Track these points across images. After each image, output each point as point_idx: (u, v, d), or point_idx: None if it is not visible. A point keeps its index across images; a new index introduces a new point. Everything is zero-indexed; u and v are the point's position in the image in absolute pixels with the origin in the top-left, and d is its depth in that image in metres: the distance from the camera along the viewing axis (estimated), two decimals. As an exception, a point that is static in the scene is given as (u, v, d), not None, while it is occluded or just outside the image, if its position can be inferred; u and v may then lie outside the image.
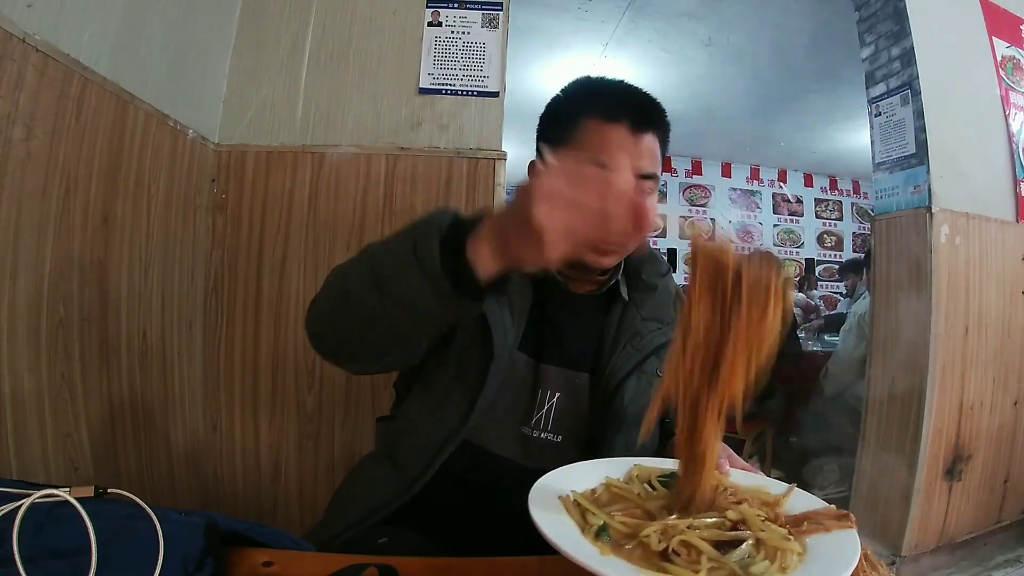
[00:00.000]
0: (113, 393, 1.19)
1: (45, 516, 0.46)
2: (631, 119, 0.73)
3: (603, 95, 0.76)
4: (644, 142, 0.74)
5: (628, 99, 0.76)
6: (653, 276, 0.85)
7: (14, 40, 0.91)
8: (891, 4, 1.94)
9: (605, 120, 0.73)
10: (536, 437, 0.77)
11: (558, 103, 0.81)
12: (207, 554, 0.50)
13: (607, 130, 0.73)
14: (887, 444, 1.89)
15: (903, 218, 1.89)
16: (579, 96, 0.79)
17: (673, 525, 0.44)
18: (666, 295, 0.86)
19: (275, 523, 1.52)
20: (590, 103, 0.75)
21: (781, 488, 0.56)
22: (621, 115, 0.73)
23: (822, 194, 6.43)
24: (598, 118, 0.73)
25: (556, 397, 0.78)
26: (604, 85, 0.79)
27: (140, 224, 1.25)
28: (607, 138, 0.72)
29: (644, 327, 0.81)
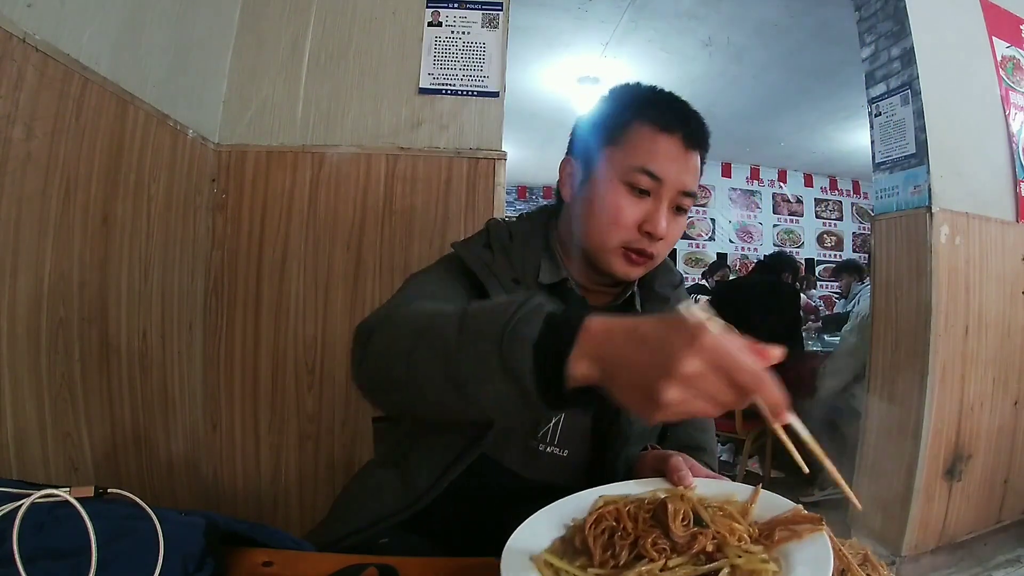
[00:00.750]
0: (113, 393, 1.19)
1: (45, 516, 0.46)
2: (685, 133, 0.72)
3: (660, 103, 0.74)
4: (693, 159, 0.73)
5: (683, 113, 0.74)
6: (666, 287, 0.84)
7: (14, 40, 0.91)
8: (891, 4, 1.94)
9: (660, 129, 0.71)
10: (543, 451, 0.76)
11: (608, 103, 0.79)
12: (207, 554, 0.50)
13: (660, 139, 0.71)
14: (887, 444, 1.89)
15: (903, 218, 1.89)
16: (634, 99, 0.76)
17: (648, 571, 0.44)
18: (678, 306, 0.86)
19: (275, 523, 1.52)
20: (646, 108, 0.73)
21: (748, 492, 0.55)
22: (676, 127, 0.72)
23: (822, 194, 6.44)
24: (652, 125, 0.72)
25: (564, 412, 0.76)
26: (660, 94, 0.77)
27: (140, 224, 1.25)
28: (659, 147, 0.71)
29: None
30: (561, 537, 0.51)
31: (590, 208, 0.73)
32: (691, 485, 0.56)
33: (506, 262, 0.77)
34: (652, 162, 0.70)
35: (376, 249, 1.53)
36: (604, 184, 0.72)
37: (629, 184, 0.71)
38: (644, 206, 0.71)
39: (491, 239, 0.79)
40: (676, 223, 0.74)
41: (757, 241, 6.24)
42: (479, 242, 0.80)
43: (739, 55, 3.56)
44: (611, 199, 0.71)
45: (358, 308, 1.53)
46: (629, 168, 0.70)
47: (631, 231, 0.71)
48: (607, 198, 0.71)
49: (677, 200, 0.73)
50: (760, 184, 6.32)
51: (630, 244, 0.72)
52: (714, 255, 6.11)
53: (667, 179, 0.70)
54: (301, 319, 1.53)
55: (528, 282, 0.76)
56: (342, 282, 1.53)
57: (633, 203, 0.71)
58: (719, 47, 3.48)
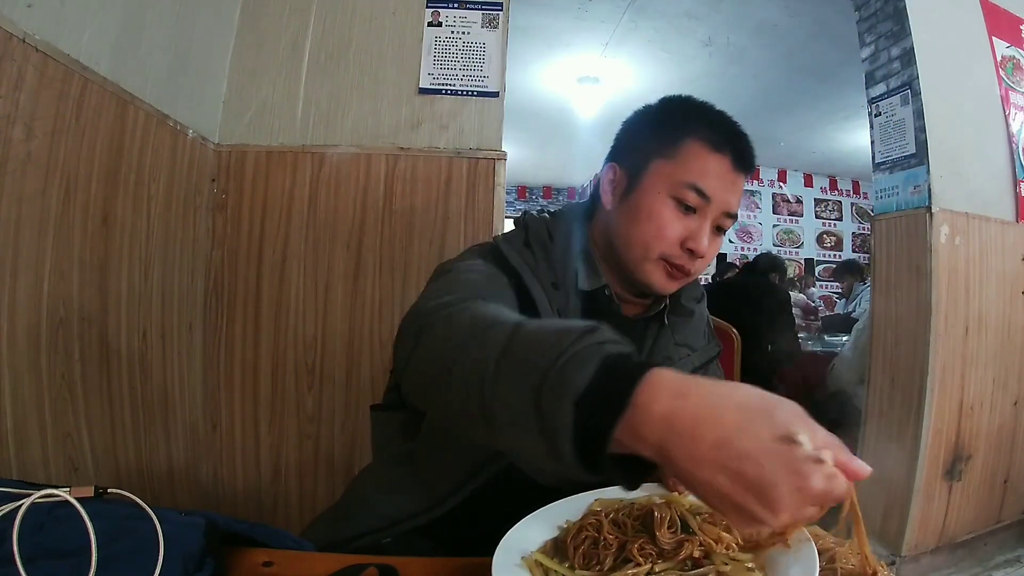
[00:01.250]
0: (113, 393, 1.19)
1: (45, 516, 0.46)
2: (735, 155, 0.73)
3: (713, 122, 0.75)
4: (740, 182, 0.74)
5: (736, 133, 0.75)
6: (691, 301, 0.85)
7: (14, 40, 0.91)
8: (891, 4, 1.94)
9: (712, 148, 0.72)
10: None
11: (659, 113, 0.78)
12: (207, 554, 0.50)
13: (712, 158, 0.72)
14: (887, 444, 1.89)
15: (903, 218, 1.89)
16: (688, 113, 0.76)
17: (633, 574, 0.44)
18: (700, 321, 0.86)
19: (275, 523, 1.51)
20: (699, 125, 0.73)
21: None
22: (727, 147, 0.72)
23: (822, 194, 6.44)
24: (705, 143, 0.72)
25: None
26: (715, 113, 0.77)
27: (140, 224, 1.25)
28: (710, 166, 0.71)
29: (676, 352, 0.81)
30: (554, 538, 0.52)
31: (635, 218, 0.73)
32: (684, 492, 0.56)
33: (546, 264, 0.76)
34: (702, 180, 0.71)
35: (376, 249, 1.53)
36: (652, 196, 0.72)
37: (677, 199, 0.71)
38: (689, 223, 0.72)
39: (530, 237, 0.78)
40: (715, 242, 0.75)
41: (757, 241, 6.24)
42: (519, 239, 0.78)
43: (739, 55, 3.56)
44: (658, 211, 0.72)
45: (358, 308, 1.53)
46: (679, 183, 0.71)
47: (674, 246, 0.72)
48: (654, 210, 0.72)
49: (719, 220, 0.73)
50: (760, 184, 6.32)
51: (671, 259, 0.72)
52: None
53: (715, 198, 0.71)
54: (301, 319, 1.53)
55: (567, 287, 0.76)
56: (342, 282, 1.53)
57: (679, 218, 0.72)
58: (719, 47, 3.48)
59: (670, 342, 0.81)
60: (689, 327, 0.84)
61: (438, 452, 0.74)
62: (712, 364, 0.87)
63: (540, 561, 0.47)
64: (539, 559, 0.48)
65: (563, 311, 0.74)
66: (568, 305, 0.75)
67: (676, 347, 0.82)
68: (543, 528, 0.53)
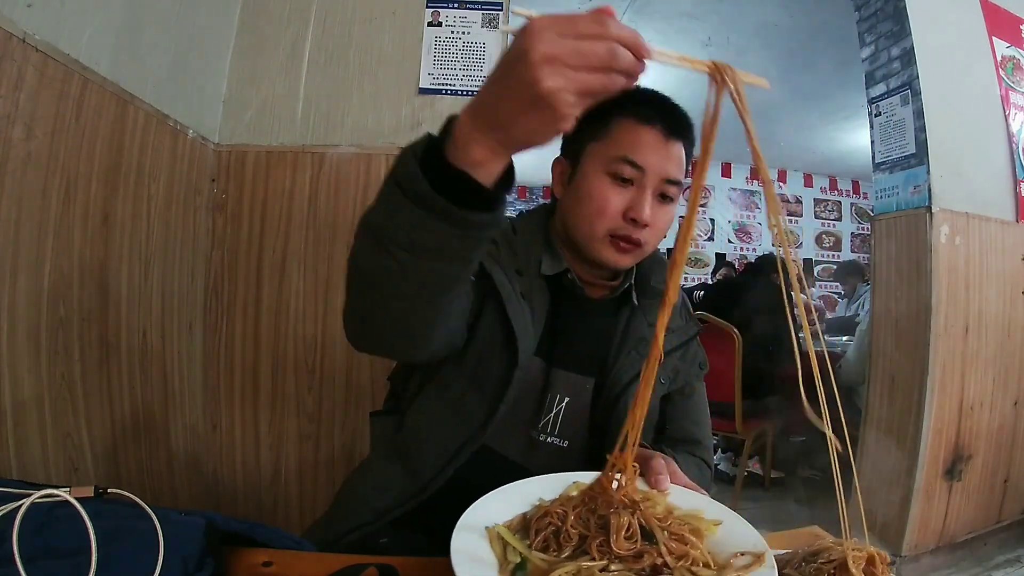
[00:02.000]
0: (113, 393, 1.19)
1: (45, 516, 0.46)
2: (664, 124, 0.75)
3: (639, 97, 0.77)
4: (674, 149, 0.76)
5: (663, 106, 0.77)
6: (662, 282, 0.83)
7: (14, 40, 0.91)
8: (891, 4, 1.94)
9: (640, 121, 0.75)
10: (543, 441, 0.78)
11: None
12: (207, 554, 0.50)
13: (641, 131, 0.74)
14: (887, 444, 1.89)
15: (903, 218, 1.89)
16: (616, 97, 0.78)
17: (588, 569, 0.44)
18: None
19: (275, 523, 1.51)
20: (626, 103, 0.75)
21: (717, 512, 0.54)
22: (655, 119, 0.75)
23: (821, 194, 6.44)
24: (633, 118, 0.75)
25: (565, 402, 0.78)
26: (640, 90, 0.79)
27: (140, 224, 1.25)
28: (640, 138, 0.74)
29: (650, 333, 0.80)
30: (523, 514, 0.51)
31: (579, 200, 0.77)
32: (666, 490, 0.57)
33: (510, 253, 0.79)
34: (634, 152, 0.73)
35: (376, 249, 1.53)
36: (590, 177, 0.76)
37: (613, 174, 0.74)
38: (628, 194, 0.74)
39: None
40: (662, 211, 0.76)
41: (756, 241, 6.24)
42: None
43: (739, 55, 3.56)
44: (596, 188, 0.75)
45: (358, 308, 1.53)
46: (612, 159, 0.74)
47: (616, 219, 0.74)
48: (593, 188, 0.75)
49: (661, 188, 0.75)
50: (760, 184, 6.31)
51: (616, 231, 0.74)
52: (713, 255, 6.11)
53: (649, 167, 0.73)
54: (301, 319, 1.53)
55: (531, 273, 0.79)
56: (342, 282, 1.52)
57: (617, 192, 0.74)
58: (719, 47, 3.48)
59: (643, 324, 0.82)
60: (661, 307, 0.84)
61: (419, 441, 0.77)
62: (692, 343, 0.87)
63: (501, 534, 0.47)
64: (501, 532, 0.47)
65: (527, 294, 0.77)
66: (532, 289, 0.78)
67: (651, 329, 0.80)
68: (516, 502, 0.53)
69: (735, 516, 0.53)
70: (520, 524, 0.50)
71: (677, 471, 0.61)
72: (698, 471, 0.81)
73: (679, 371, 0.84)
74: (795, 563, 0.50)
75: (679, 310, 0.86)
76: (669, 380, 0.83)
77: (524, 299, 0.76)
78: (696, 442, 0.85)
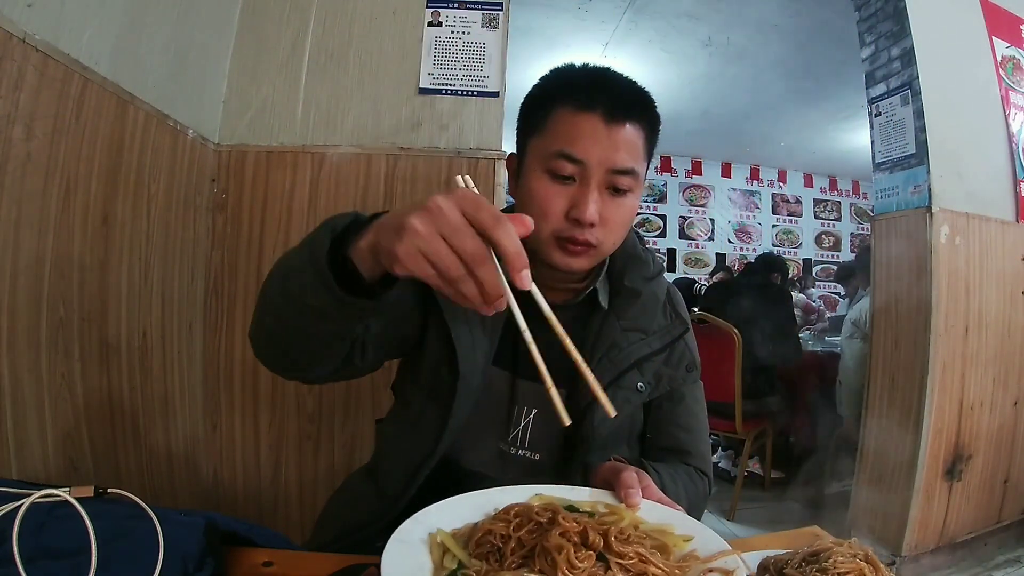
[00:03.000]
0: (113, 393, 1.19)
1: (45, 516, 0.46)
2: (605, 108, 0.66)
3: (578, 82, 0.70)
4: (620, 133, 0.67)
5: (605, 86, 0.69)
6: (637, 281, 0.78)
7: (14, 40, 0.91)
8: (891, 4, 1.94)
9: (577, 109, 0.67)
10: (514, 454, 0.75)
11: (534, 90, 0.75)
12: (207, 554, 0.50)
13: (579, 120, 0.66)
14: (887, 444, 1.89)
15: (903, 218, 1.89)
16: (554, 83, 0.72)
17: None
18: (652, 302, 0.78)
19: (275, 523, 1.52)
20: (564, 90, 0.69)
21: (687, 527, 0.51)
22: (595, 103, 0.66)
23: (821, 194, 6.44)
24: (571, 106, 0.67)
25: (533, 414, 0.75)
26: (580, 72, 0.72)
27: (140, 224, 1.25)
28: (578, 128, 0.66)
29: (624, 338, 0.75)
30: (477, 523, 0.49)
31: (522, 203, 0.71)
32: (636, 505, 0.54)
33: None
34: (570, 144, 0.66)
35: (376, 249, 1.53)
36: (530, 177, 0.69)
37: (551, 172, 0.67)
38: (569, 192, 0.67)
39: None
40: (616, 206, 0.68)
41: (756, 241, 6.23)
42: None
43: (739, 55, 3.56)
44: (536, 189, 0.68)
45: (358, 308, 1.53)
46: (549, 155, 0.67)
47: (559, 220, 0.67)
48: (532, 189, 0.69)
49: (609, 180, 0.67)
50: (760, 184, 6.31)
51: (561, 233, 0.67)
52: (713, 255, 6.11)
53: (589, 160, 0.66)
54: (301, 319, 1.53)
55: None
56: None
57: (558, 191, 0.67)
58: (719, 47, 3.48)
59: (615, 328, 0.76)
60: (637, 309, 0.77)
61: (386, 459, 0.76)
62: (678, 344, 0.79)
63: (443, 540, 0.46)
64: (443, 538, 0.46)
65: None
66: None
67: (624, 333, 0.75)
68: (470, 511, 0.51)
69: (708, 532, 0.51)
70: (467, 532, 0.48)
71: (650, 485, 0.58)
72: (690, 482, 0.75)
73: (662, 375, 0.78)
74: (795, 563, 0.50)
75: (658, 311, 0.79)
76: (649, 386, 0.76)
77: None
78: (686, 451, 0.79)
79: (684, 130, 4.92)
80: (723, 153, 5.97)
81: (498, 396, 0.75)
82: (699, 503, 0.77)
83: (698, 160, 6.14)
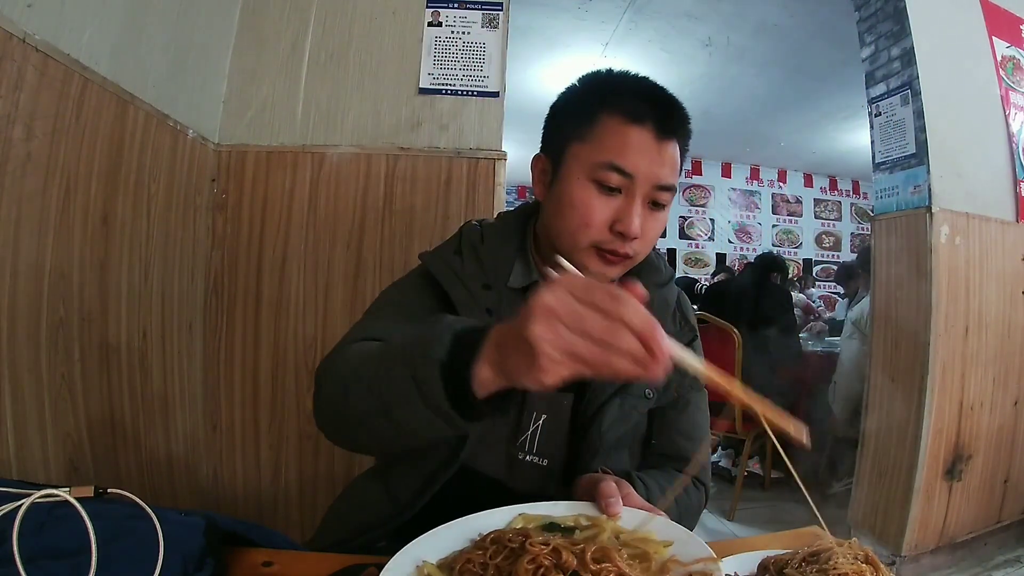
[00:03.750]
0: (113, 393, 1.19)
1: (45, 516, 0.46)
2: (657, 122, 0.66)
3: (629, 91, 0.68)
4: (668, 150, 0.67)
5: (655, 99, 0.68)
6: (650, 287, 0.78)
7: (14, 40, 0.91)
8: (891, 4, 1.94)
9: (629, 120, 0.66)
10: (523, 460, 0.75)
11: (575, 94, 0.73)
12: (207, 554, 0.50)
13: (630, 132, 0.66)
14: (887, 444, 1.89)
15: (903, 218, 1.89)
16: (601, 89, 0.71)
17: None
18: (663, 308, 0.79)
19: (275, 523, 1.52)
20: (614, 98, 0.67)
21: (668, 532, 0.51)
22: (647, 117, 0.66)
23: (821, 194, 6.44)
24: (621, 116, 0.66)
25: (542, 419, 0.74)
26: (629, 80, 0.71)
27: (140, 224, 1.25)
28: (629, 140, 0.65)
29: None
30: (462, 550, 0.50)
31: (560, 208, 0.70)
32: (616, 514, 0.54)
33: (476, 266, 0.74)
34: (621, 157, 0.65)
35: (376, 249, 1.53)
36: (572, 183, 0.68)
37: (598, 182, 0.66)
38: (615, 204, 0.66)
39: (462, 244, 0.77)
40: (653, 219, 0.69)
41: (756, 241, 6.24)
42: (450, 248, 0.78)
43: (739, 55, 3.56)
44: (580, 198, 0.67)
45: (358, 308, 1.53)
46: (597, 165, 0.66)
47: (602, 231, 0.67)
48: (576, 197, 0.67)
49: (652, 195, 0.67)
50: (760, 184, 6.32)
51: (602, 244, 0.67)
52: (713, 255, 6.11)
53: (638, 174, 0.65)
54: (301, 319, 1.53)
55: (499, 286, 0.73)
56: (342, 282, 1.53)
57: (603, 202, 0.66)
58: (719, 47, 3.48)
59: None
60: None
61: (398, 465, 0.75)
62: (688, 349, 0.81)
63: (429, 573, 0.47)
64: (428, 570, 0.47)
65: (495, 310, 0.71)
66: (501, 304, 0.72)
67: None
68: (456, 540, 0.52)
69: (689, 536, 0.51)
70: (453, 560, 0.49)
71: (631, 493, 0.58)
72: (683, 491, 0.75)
73: (670, 382, 0.77)
74: (795, 563, 0.50)
75: (670, 316, 0.79)
76: (657, 393, 0.76)
77: (491, 315, 0.71)
78: (686, 459, 0.78)
79: (684, 130, 4.91)
80: (723, 153, 5.97)
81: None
82: (692, 512, 0.77)
83: (698, 160, 6.14)
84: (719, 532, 2.29)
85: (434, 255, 0.78)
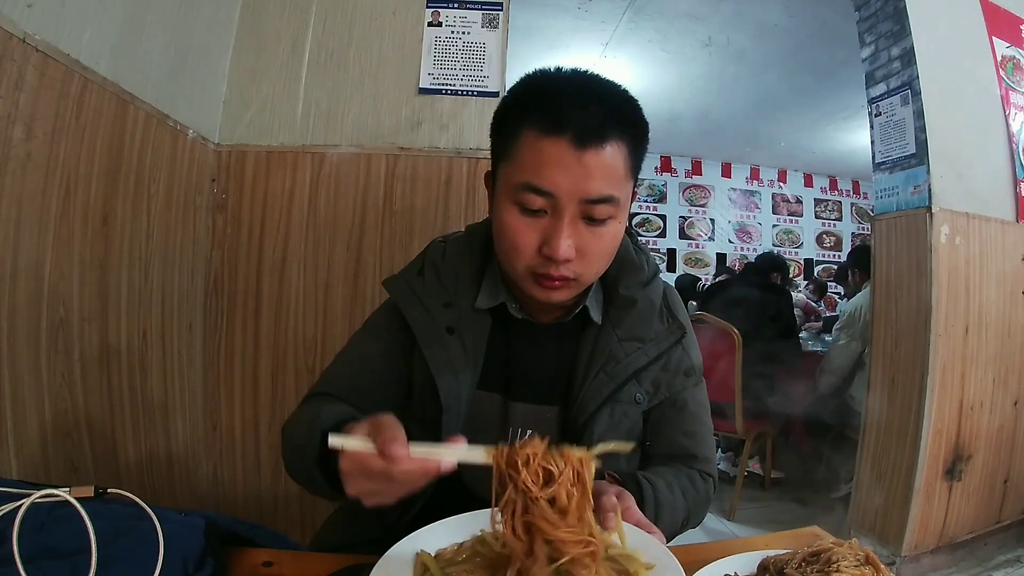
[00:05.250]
0: (113, 393, 1.19)
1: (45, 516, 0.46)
2: (575, 130, 0.58)
3: (546, 99, 0.61)
4: (593, 158, 0.59)
5: (575, 103, 0.59)
6: (633, 288, 0.75)
7: (14, 40, 0.91)
8: (891, 4, 1.94)
9: (543, 132, 0.59)
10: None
11: (502, 105, 0.68)
12: (207, 554, 0.50)
13: (544, 145, 0.59)
14: (887, 444, 1.89)
15: (903, 218, 1.89)
16: (524, 98, 0.64)
17: None
18: (648, 308, 0.75)
19: (275, 523, 1.52)
20: (531, 109, 0.61)
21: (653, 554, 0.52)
22: (565, 125, 0.58)
23: (822, 194, 6.44)
24: (537, 129, 0.59)
25: (527, 435, 0.73)
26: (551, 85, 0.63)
27: (140, 224, 1.25)
28: (543, 156, 0.59)
29: (621, 349, 0.72)
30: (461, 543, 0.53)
31: (495, 234, 0.67)
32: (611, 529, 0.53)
33: (437, 285, 0.73)
34: (536, 176, 0.59)
35: (376, 249, 1.53)
36: (500, 207, 0.64)
37: (519, 205, 0.61)
38: (540, 226, 0.61)
39: (425, 264, 0.76)
40: (595, 236, 0.62)
41: (756, 241, 6.23)
42: (413, 269, 0.77)
43: (739, 55, 3.56)
44: (507, 222, 0.63)
45: (358, 308, 1.53)
46: (517, 186, 0.61)
47: (533, 256, 0.62)
48: (503, 222, 0.63)
49: (584, 211, 0.61)
50: (760, 184, 6.32)
51: (536, 269, 0.63)
52: (713, 255, 6.11)
53: (559, 192, 0.59)
54: (301, 319, 1.53)
55: (462, 304, 0.72)
56: (342, 282, 1.53)
57: (527, 224, 0.61)
58: (719, 47, 3.48)
59: (611, 339, 0.72)
60: (633, 317, 0.74)
61: None
62: (675, 350, 0.75)
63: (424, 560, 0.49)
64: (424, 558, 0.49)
65: (456, 328, 0.71)
66: (462, 322, 0.71)
67: (621, 343, 0.72)
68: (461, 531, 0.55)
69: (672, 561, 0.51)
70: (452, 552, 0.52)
71: (631, 507, 0.57)
72: (690, 485, 0.74)
73: (660, 383, 0.75)
74: (795, 563, 0.50)
75: (654, 317, 0.76)
76: (648, 395, 0.74)
77: (452, 334, 0.70)
78: (692, 456, 0.77)
79: (684, 130, 4.92)
80: (723, 153, 5.97)
81: (489, 419, 0.74)
82: (701, 505, 0.76)
83: (698, 160, 6.14)
84: (719, 532, 2.29)
85: (396, 277, 0.78)
